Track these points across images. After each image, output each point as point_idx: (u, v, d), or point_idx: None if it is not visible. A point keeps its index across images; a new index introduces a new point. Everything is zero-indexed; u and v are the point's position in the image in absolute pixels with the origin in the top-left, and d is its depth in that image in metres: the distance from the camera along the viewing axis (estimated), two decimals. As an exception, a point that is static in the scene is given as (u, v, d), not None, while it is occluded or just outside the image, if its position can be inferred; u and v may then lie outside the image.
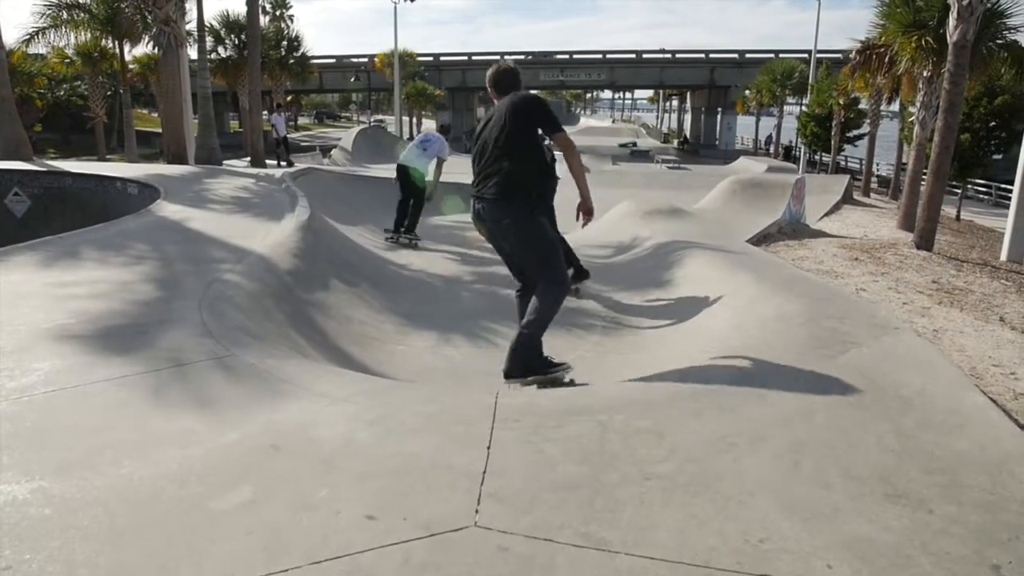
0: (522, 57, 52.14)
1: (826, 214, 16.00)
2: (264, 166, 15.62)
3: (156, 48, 11.58)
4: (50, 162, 28.45)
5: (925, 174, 10.38)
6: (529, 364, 3.24)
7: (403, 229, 7.93)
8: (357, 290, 5.63)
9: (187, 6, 13.51)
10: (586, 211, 3.47)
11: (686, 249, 7.10)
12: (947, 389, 2.69)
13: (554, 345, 4.95)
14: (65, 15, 18.84)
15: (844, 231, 13.47)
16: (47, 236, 9.44)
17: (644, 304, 5.85)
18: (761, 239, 9.50)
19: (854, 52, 15.14)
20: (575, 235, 10.48)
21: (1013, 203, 9.91)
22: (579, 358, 4.73)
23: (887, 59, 13.69)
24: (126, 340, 3.00)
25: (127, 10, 15.80)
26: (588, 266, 6.64)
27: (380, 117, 53.50)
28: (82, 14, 18.97)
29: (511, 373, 3.20)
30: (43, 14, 18.48)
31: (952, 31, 8.85)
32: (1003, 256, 10.08)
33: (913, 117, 14.47)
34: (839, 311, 3.85)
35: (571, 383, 3.36)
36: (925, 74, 12.99)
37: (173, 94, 11.81)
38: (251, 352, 3.03)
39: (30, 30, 19.43)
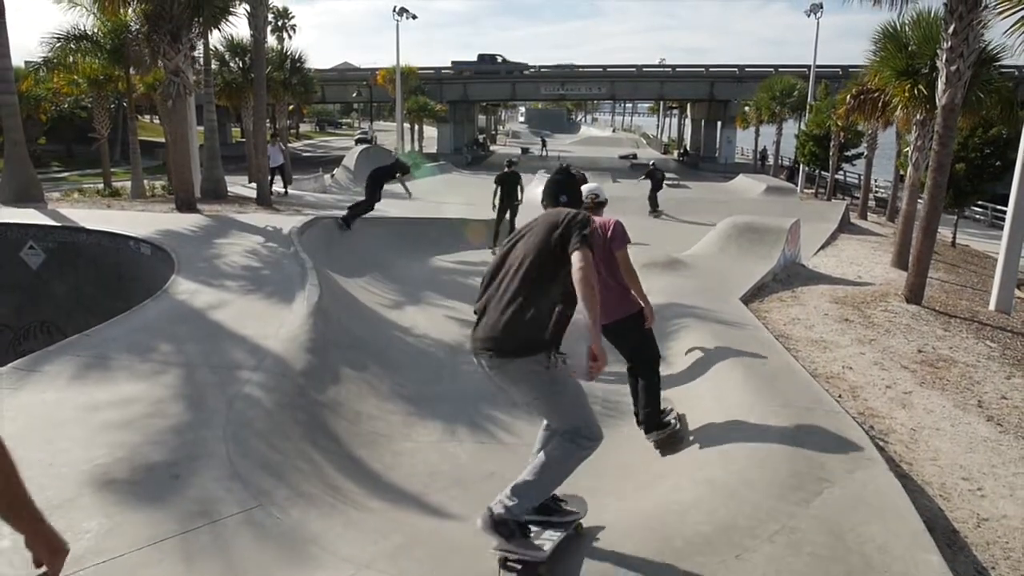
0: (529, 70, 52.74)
1: (821, 247, 16.30)
2: (270, 201, 15.97)
3: (166, 100, 11.93)
4: (56, 180, 28.75)
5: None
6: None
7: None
8: (365, 374, 5.93)
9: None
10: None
11: (682, 319, 7.39)
12: (907, 548, 2.97)
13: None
14: (72, 46, 19.18)
15: (839, 269, 13.74)
16: (63, 290, 9.83)
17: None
18: (756, 292, 9.78)
19: (848, 97, 15.45)
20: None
21: (1000, 259, 10.18)
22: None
23: (881, 103, 14.00)
24: (161, 487, 3.29)
25: (136, 46, 16.17)
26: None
27: (365, 130, 53.99)
28: (89, 44, 19.29)
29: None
30: (52, 46, 18.85)
31: (940, 95, 9.12)
32: (991, 305, 10.36)
33: (908, 148, 14.76)
34: (819, 435, 4.13)
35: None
36: (919, 117, 13.27)
37: (181, 141, 12.13)
38: (277, 498, 3.32)
39: (39, 59, 19.88)
